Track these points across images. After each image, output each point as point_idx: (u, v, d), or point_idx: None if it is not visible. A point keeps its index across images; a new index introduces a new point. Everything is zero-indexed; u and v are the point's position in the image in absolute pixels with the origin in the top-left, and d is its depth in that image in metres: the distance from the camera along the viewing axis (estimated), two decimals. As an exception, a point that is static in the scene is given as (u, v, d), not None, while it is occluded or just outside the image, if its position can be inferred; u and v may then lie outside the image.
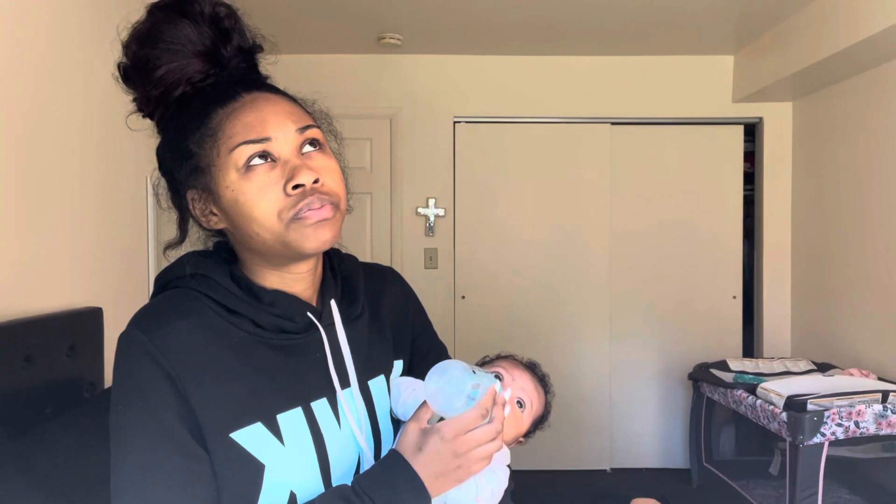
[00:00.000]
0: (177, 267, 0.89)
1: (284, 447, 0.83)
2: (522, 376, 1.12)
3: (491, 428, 0.82)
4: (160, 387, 0.78)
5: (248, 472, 0.80)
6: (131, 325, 0.82)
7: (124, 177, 2.12)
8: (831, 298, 3.44)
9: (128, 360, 0.80)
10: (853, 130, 3.24)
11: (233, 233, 0.87)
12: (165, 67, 0.83)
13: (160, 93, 0.84)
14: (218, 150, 0.81)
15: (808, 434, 2.42)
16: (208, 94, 0.84)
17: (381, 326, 0.99)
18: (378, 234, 3.83)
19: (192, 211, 0.86)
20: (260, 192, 0.80)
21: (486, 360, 1.18)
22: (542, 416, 1.14)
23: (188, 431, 0.79)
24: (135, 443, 0.78)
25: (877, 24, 2.54)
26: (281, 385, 0.85)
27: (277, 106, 0.84)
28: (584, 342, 3.85)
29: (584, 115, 3.83)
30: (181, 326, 0.81)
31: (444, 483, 0.81)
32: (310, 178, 0.81)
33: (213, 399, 0.80)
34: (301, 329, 0.88)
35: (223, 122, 0.82)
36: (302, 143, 0.84)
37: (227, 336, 0.84)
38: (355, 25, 3.32)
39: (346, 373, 0.90)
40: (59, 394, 1.56)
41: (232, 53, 0.86)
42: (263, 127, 0.81)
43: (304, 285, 0.90)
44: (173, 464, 0.77)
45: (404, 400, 0.93)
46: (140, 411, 0.78)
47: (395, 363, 1.00)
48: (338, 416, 0.88)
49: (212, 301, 0.85)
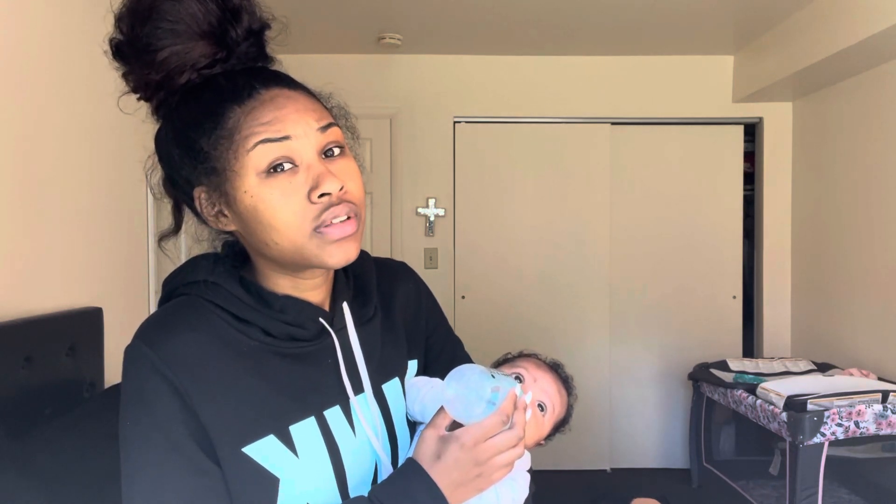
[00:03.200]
0: (185, 272, 0.86)
1: (299, 459, 0.80)
2: (545, 378, 1.07)
3: (512, 434, 0.79)
4: (168, 402, 0.76)
5: (262, 487, 0.78)
6: (137, 338, 0.79)
7: (125, 177, 2.11)
8: (831, 298, 3.43)
9: (135, 374, 0.78)
10: (853, 130, 3.23)
11: (245, 237, 0.82)
12: (169, 50, 0.76)
13: (161, 77, 0.77)
14: (235, 153, 0.76)
15: (808, 434, 2.42)
16: (221, 87, 0.78)
17: (394, 326, 0.96)
18: (378, 234, 3.83)
19: (199, 210, 0.81)
20: (282, 199, 0.76)
21: (509, 357, 1.13)
22: (564, 419, 1.09)
23: (198, 446, 0.76)
24: (144, 459, 0.75)
25: (877, 24, 2.54)
26: (293, 395, 0.82)
27: (298, 103, 0.79)
28: (584, 342, 3.85)
29: (584, 115, 3.83)
30: (189, 339, 0.78)
31: (464, 492, 0.79)
32: (336, 187, 0.77)
33: (223, 413, 0.77)
34: (312, 336, 0.85)
35: (240, 121, 0.76)
36: (324, 144, 0.79)
37: (237, 346, 0.81)
38: (355, 25, 3.32)
39: (359, 378, 0.87)
40: (59, 394, 1.56)
41: (241, 35, 0.79)
42: (283, 125, 0.76)
43: (317, 290, 0.87)
44: (184, 480, 0.75)
45: (421, 399, 0.90)
46: (148, 427, 0.76)
47: (410, 364, 0.97)
48: (352, 424, 0.85)
49: (220, 310, 0.82)
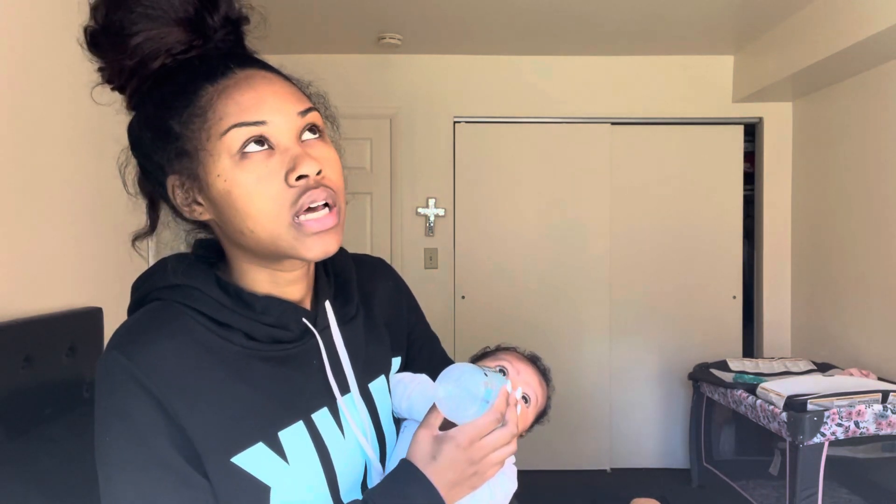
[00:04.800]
0: (157, 275, 0.81)
1: (289, 465, 0.78)
2: (527, 370, 1.09)
3: (506, 432, 0.80)
4: (150, 413, 0.71)
5: (252, 497, 0.75)
6: (111, 348, 0.74)
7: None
8: (831, 298, 3.43)
9: (110, 387, 0.72)
10: (853, 130, 3.23)
11: (220, 226, 0.79)
12: (143, 35, 0.74)
13: (135, 63, 0.75)
14: (208, 133, 0.73)
15: (808, 434, 2.42)
16: (195, 67, 0.76)
17: (376, 324, 0.95)
18: (378, 234, 3.83)
19: (173, 199, 0.78)
20: (258, 183, 0.73)
21: (488, 350, 1.15)
22: (544, 410, 1.12)
23: (185, 460, 0.72)
24: (127, 476, 0.71)
25: (877, 24, 2.54)
26: (279, 400, 0.79)
27: (276, 85, 0.76)
28: (584, 342, 3.85)
29: (584, 115, 3.83)
30: (168, 347, 0.74)
31: (459, 491, 0.79)
32: (314, 169, 0.74)
33: (209, 423, 0.74)
34: (296, 337, 0.83)
35: (214, 100, 0.73)
36: (302, 128, 0.76)
37: (219, 352, 0.77)
38: (355, 25, 3.32)
39: (344, 378, 0.85)
40: (59, 394, 1.56)
41: (218, 23, 0.77)
42: (260, 108, 0.73)
43: (297, 286, 0.84)
44: (171, 495, 0.71)
45: (408, 396, 0.90)
46: (130, 441, 0.71)
47: (394, 360, 0.96)
48: (340, 425, 0.84)
49: (199, 315, 0.78)
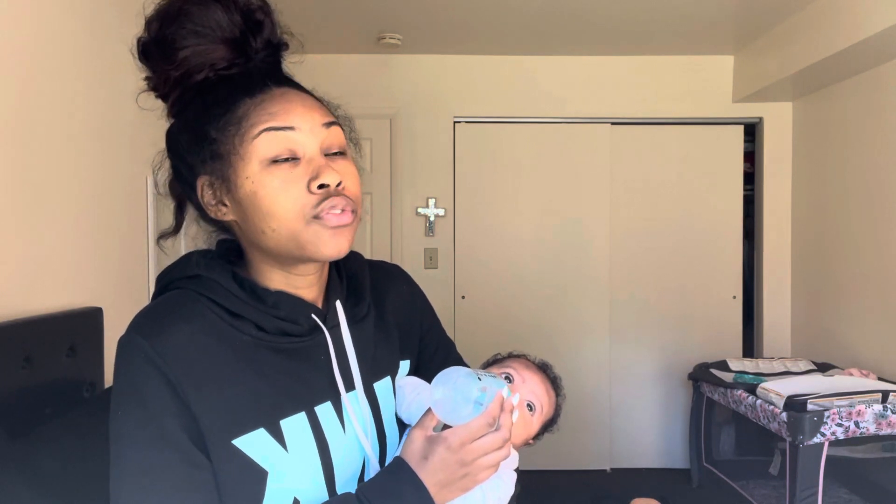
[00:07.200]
0: (180, 266, 0.87)
1: (288, 453, 0.81)
2: (533, 378, 1.08)
3: (498, 436, 0.81)
4: (161, 393, 0.77)
5: (250, 480, 0.79)
6: (131, 330, 0.80)
7: (124, 176, 2.11)
8: (831, 298, 3.44)
9: (128, 366, 0.78)
10: (853, 130, 3.24)
11: (242, 227, 0.84)
12: (191, 49, 0.81)
13: (180, 74, 0.82)
14: (241, 138, 0.80)
15: (808, 434, 2.42)
16: (236, 82, 0.83)
17: (386, 326, 0.98)
18: (378, 234, 3.83)
19: (201, 199, 0.84)
20: (282, 186, 0.79)
21: (498, 357, 1.15)
22: (552, 418, 1.11)
23: (189, 438, 0.77)
24: (135, 450, 0.76)
25: (877, 24, 2.54)
26: (284, 390, 0.83)
27: (307, 100, 0.84)
28: (584, 342, 3.85)
29: (584, 115, 3.83)
30: (182, 331, 0.79)
31: (449, 492, 0.80)
32: (335, 179, 0.80)
33: (214, 405, 0.79)
34: (305, 332, 0.87)
35: (249, 111, 0.81)
36: (327, 142, 0.83)
37: (230, 340, 0.82)
38: (355, 25, 3.32)
39: (351, 375, 0.89)
40: (59, 394, 1.56)
41: (260, 46, 0.85)
42: (289, 115, 0.81)
43: (310, 286, 0.89)
44: (175, 471, 0.76)
45: (408, 403, 0.92)
46: (141, 418, 0.77)
47: (402, 363, 0.99)
48: (342, 421, 0.87)
49: (214, 304, 0.83)
